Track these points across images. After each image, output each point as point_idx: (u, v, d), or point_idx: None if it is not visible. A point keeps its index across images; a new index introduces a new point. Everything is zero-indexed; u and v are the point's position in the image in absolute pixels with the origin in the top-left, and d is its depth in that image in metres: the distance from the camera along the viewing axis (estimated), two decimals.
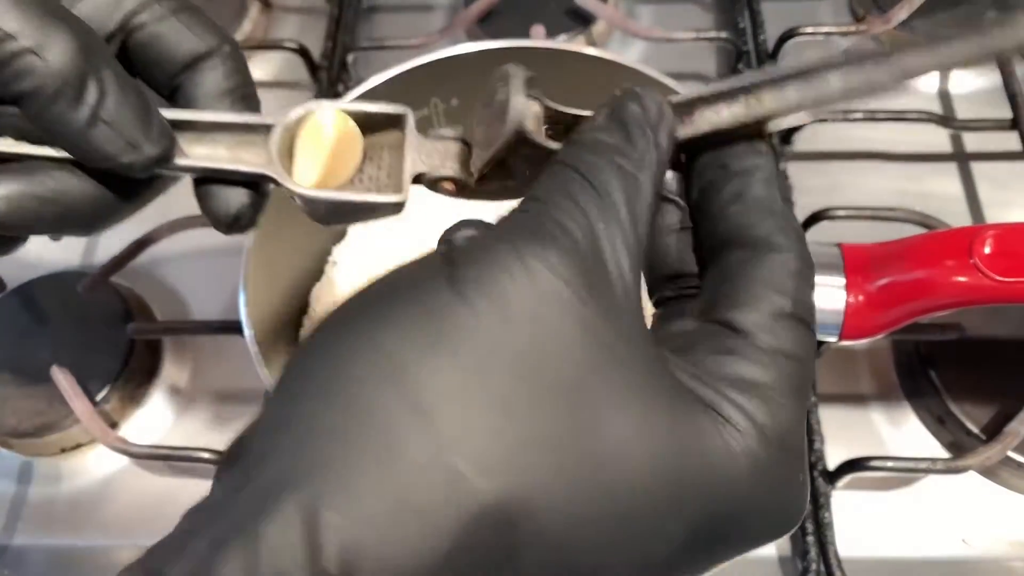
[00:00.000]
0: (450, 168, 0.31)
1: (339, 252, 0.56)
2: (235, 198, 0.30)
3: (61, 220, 0.29)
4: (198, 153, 0.30)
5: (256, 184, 0.31)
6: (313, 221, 0.31)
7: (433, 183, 0.31)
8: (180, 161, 0.30)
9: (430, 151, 0.31)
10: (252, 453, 0.21)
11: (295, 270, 0.54)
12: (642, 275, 0.24)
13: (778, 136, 0.65)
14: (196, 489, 0.56)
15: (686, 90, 0.27)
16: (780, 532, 0.25)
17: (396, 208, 0.31)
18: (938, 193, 0.64)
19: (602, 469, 0.21)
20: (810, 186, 0.64)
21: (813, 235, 0.60)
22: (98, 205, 0.30)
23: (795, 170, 0.63)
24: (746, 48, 0.70)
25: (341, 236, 0.57)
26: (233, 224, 0.31)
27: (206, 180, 0.30)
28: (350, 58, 0.72)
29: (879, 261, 0.47)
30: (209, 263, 0.63)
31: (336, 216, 0.31)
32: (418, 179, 0.31)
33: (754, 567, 0.51)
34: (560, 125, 0.29)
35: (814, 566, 0.49)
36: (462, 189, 0.31)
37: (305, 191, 0.30)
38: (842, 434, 0.54)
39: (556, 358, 0.21)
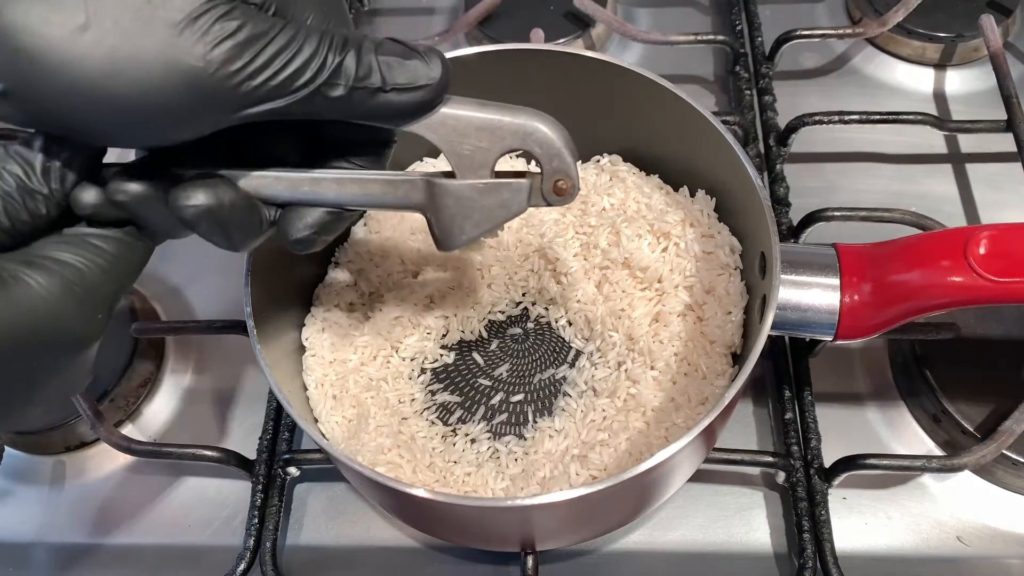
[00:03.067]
0: None
1: (340, 252, 0.57)
2: (312, 218, 0.37)
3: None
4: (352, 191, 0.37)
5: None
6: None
7: None
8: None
9: None
10: None
11: (297, 270, 0.54)
12: None
13: (774, 138, 0.65)
14: (199, 487, 0.57)
15: (683, 92, 0.28)
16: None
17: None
18: (933, 194, 0.65)
19: None
20: (806, 187, 0.65)
21: (809, 236, 0.60)
22: None
23: (791, 171, 0.64)
24: (743, 51, 0.71)
25: (342, 237, 0.57)
26: (298, 243, 0.37)
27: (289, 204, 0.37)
28: None
29: (874, 261, 0.47)
30: (212, 264, 0.63)
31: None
32: None
33: (751, 564, 0.52)
34: None
35: (811, 563, 0.49)
36: None
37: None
38: (838, 433, 0.55)
39: None
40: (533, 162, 0.39)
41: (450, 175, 0.38)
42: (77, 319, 0.32)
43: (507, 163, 0.56)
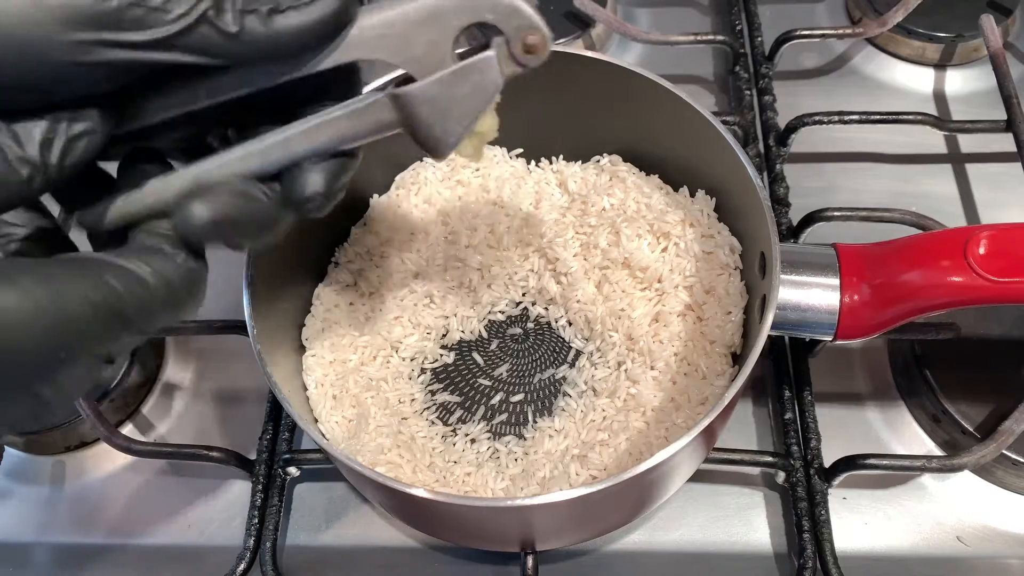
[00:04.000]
0: None
1: (340, 252, 0.57)
2: (312, 175, 0.34)
3: None
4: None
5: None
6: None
7: None
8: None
9: None
10: None
11: (297, 270, 0.54)
12: None
13: (774, 138, 0.65)
14: (199, 487, 0.57)
15: (683, 92, 0.28)
16: None
17: None
18: (933, 194, 0.65)
19: None
20: (806, 187, 0.65)
21: (809, 236, 0.61)
22: None
23: (791, 171, 0.64)
24: (743, 51, 0.71)
25: (342, 237, 0.57)
26: (307, 202, 0.34)
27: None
28: None
29: (874, 261, 0.47)
30: (212, 263, 0.63)
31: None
32: None
33: (751, 564, 0.52)
34: None
35: (811, 563, 0.49)
36: None
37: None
38: (838, 433, 0.55)
39: None
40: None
41: (410, 80, 0.35)
42: (36, 343, 0.28)
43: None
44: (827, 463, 0.52)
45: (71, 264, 0.29)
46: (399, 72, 0.35)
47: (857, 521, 0.53)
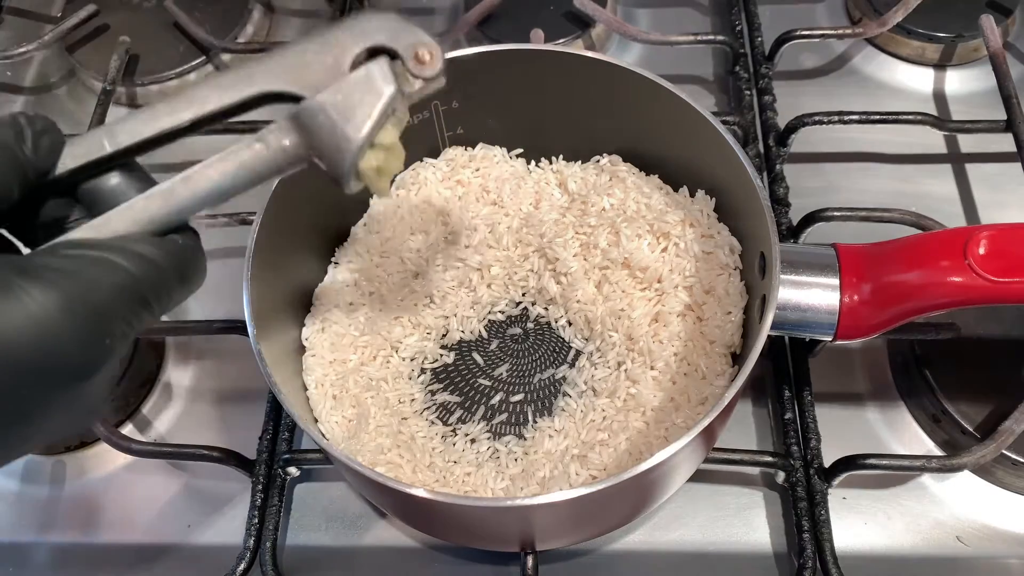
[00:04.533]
0: None
1: (340, 252, 0.57)
2: None
3: None
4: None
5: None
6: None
7: None
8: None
9: None
10: None
11: (297, 270, 0.54)
12: None
13: (774, 138, 0.65)
14: (199, 487, 0.57)
15: (683, 92, 0.28)
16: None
17: None
18: (933, 194, 0.65)
19: None
20: (806, 187, 0.65)
21: (809, 236, 0.61)
22: None
23: (791, 171, 0.64)
24: (743, 51, 0.71)
25: (342, 237, 0.57)
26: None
27: None
28: None
29: (874, 261, 0.47)
30: (212, 263, 0.63)
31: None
32: None
33: (751, 564, 0.52)
34: None
35: (810, 563, 0.49)
36: None
37: None
38: (838, 433, 0.55)
39: None
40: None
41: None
42: (75, 343, 0.27)
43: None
44: (827, 463, 0.52)
45: (84, 252, 0.29)
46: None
47: (857, 521, 0.53)
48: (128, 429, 0.60)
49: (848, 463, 0.51)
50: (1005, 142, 0.62)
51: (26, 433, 0.28)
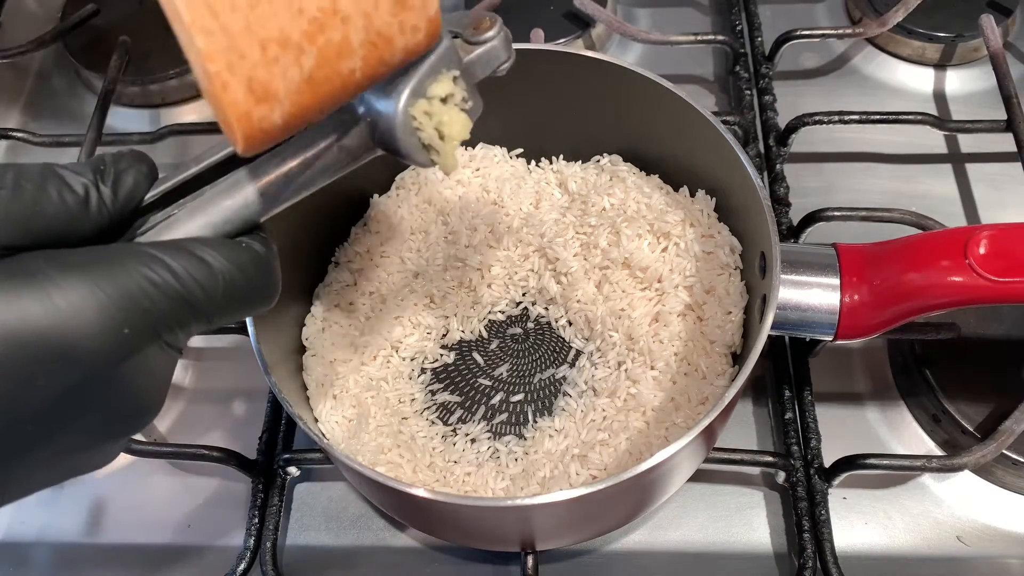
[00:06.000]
0: None
1: (340, 252, 0.57)
2: None
3: None
4: None
5: None
6: None
7: None
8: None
9: None
10: None
11: (297, 270, 0.54)
12: None
13: (774, 138, 0.65)
14: (199, 487, 0.57)
15: (683, 92, 0.28)
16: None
17: None
18: (933, 194, 0.65)
19: None
20: (806, 187, 0.65)
21: (809, 236, 0.61)
22: None
23: (791, 171, 0.64)
24: (743, 51, 0.71)
25: (342, 237, 0.57)
26: None
27: None
28: None
29: (874, 261, 0.47)
30: None
31: None
32: None
33: (751, 564, 0.52)
34: None
35: (811, 563, 0.49)
36: None
37: None
38: (838, 433, 0.55)
39: None
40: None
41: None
42: (92, 327, 0.26)
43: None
44: (827, 463, 0.52)
45: (129, 246, 0.29)
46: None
47: (857, 521, 0.53)
48: None
49: (848, 463, 0.51)
50: (1005, 142, 0.62)
51: (41, 433, 0.27)
